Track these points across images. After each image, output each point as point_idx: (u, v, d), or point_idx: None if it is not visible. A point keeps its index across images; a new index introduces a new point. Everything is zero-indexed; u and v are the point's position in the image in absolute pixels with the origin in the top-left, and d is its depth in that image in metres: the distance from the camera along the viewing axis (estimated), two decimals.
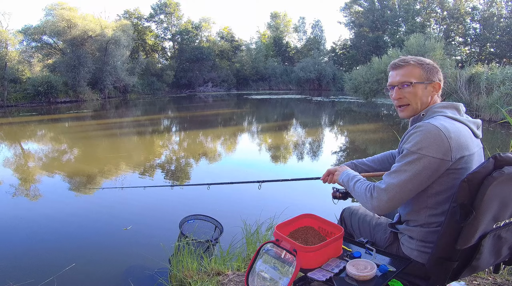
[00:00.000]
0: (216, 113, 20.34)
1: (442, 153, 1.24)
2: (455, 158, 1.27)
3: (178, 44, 44.71)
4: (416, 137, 1.28)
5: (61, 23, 26.35)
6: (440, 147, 1.24)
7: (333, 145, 10.35)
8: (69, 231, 4.19)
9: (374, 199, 1.34)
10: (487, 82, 13.77)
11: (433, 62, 1.49)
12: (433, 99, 1.47)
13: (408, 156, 1.29)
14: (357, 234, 1.74)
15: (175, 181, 6.60)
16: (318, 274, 1.34)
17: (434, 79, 1.46)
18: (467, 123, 1.37)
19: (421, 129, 1.28)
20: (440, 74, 1.48)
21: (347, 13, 46.99)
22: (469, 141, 1.32)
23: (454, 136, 1.27)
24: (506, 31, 36.26)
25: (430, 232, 1.38)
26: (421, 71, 1.46)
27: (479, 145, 1.42)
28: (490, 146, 8.26)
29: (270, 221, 3.31)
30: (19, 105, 23.36)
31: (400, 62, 1.49)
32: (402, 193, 1.30)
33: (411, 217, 1.43)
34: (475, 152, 1.35)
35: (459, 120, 1.36)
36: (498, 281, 2.23)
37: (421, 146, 1.26)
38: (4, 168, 7.50)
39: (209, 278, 2.46)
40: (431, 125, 1.27)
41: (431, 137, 1.25)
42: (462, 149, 1.28)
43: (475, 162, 1.35)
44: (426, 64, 1.47)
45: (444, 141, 1.24)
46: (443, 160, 1.25)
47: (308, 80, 42.61)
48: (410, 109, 1.48)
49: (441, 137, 1.24)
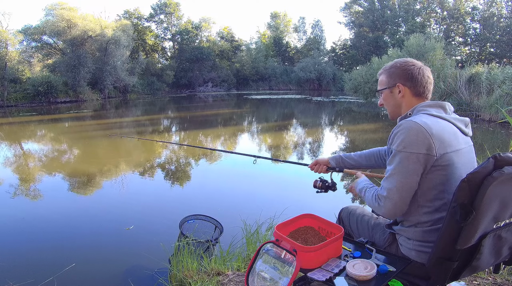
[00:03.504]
0: (216, 113, 20.34)
1: (426, 148, 1.28)
2: (439, 154, 1.30)
3: (178, 44, 44.71)
4: (399, 136, 1.33)
5: (61, 23, 26.34)
6: (423, 143, 1.28)
7: (333, 145, 10.35)
8: (69, 231, 4.18)
9: (382, 207, 1.38)
10: (487, 82, 13.77)
11: (404, 63, 1.50)
12: (410, 99, 1.49)
13: (396, 157, 1.33)
14: (356, 234, 1.74)
15: (174, 181, 6.60)
16: (318, 274, 1.34)
17: (395, 82, 1.50)
18: (452, 121, 1.40)
19: (402, 127, 1.33)
20: (408, 74, 1.47)
21: (347, 13, 47.02)
22: (453, 138, 1.35)
23: (436, 132, 1.30)
24: (506, 31, 36.27)
25: (426, 232, 1.39)
26: (385, 78, 1.54)
27: (467, 142, 1.44)
28: (490, 146, 8.26)
29: (270, 221, 3.31)
30: (19, 105, 23.35)
31: (378, 73, 1.60)
32: (404, 194, 1.33)
33: (405, 218, 1.45)
34: (461, 149, 1.37)
35: (443, 118, 1.39)
36: (498, 281, 2.23)
37: (405, 144, 1.30)
38: (4, 168, 7.50)
39: (209, 278, 2.46)
40: (412, 122, 1.32)
41: (413, 134, 1.29)
42: (444, 146, 1.31)
43: (463, 159, 1.37)
44: (389, 68, 1.53)
45: (426, 136, 1.28)
46: (429, 155, 1.29)
47: (308, 80, 42.61)
48: (389, 112, 1.58)
49: (422, 133, 1.28)
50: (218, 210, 4.46)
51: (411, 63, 1.50)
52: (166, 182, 6.57)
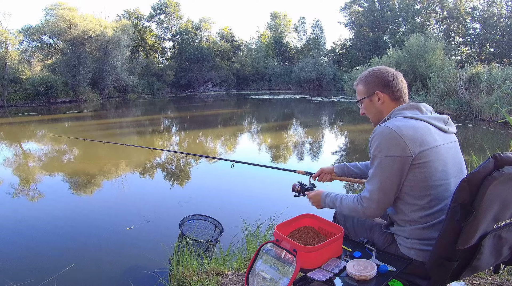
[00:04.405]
0: (216, 113, 20.34)
1: (400, 150, 1.34)
2: (414, 153, 1.34)
3: (178, 44, 44.70)
4: (375, 141, 1.40)
5: (61, 23, 26.35)
6: (396, 145, 1.34)
7: (333, 145, 10.35)
8: (69, 231, 4.18)
9: (366, 208, 1.43)
10: (487, 82, 13.76)
11: (378, 71, 1.58)
12: (389, 105, 1.56)
13: (374, 161, 1.41)
14: (353, 235, 1.75)
15: (175, 181, 6.60)
16: (318, 274, 1.34)
17: (373, 90, 1.57)
18: (427, 120, 1.44)
19: (377, 133, 1.41)
20: (384, 81, 1.54)
21: (347, 13, 46.99)
22: (427, 136, 1.38)
23: (407, 132, 1.35)
24: (506, 31, 36.24)
25: (422, 229, 1.40)
26: (362, 87, 1.61)
27: (447, 139, 1.46)
28: (490, 146, 8.26)
29: (270, 221, 3.31)
30: (19, 105, 23.35)
31: (354, 85, 1.67)
32: (386, 194, 1.39)
33: (398, 217, 1.48)
34: (439, 145, 1.40)
35: (418, 118, 1.43)
36: (498, 281, 2.23)
37: (380, 148, 1.37)
38: (4, 168, 7.50)
39: (209, 278, 2.46)
40: (384, 127, 1.39)
41: (386, 138, 1.36)
42: (418, 144, 1.35)
43: (442, 155, 1.40)
44: (365, 78, 1.60)
45: (398, 139, 1.34)
46: (404, 156, 1.34)
47: (308, 80, 42.59)
48: (372, 120, 1.65)
49: (394, 136, 1.35)
50: (218, 210, 4.46)
51: (385, 70, 1.57)
52: (166, 182, 6.57)
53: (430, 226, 1.39)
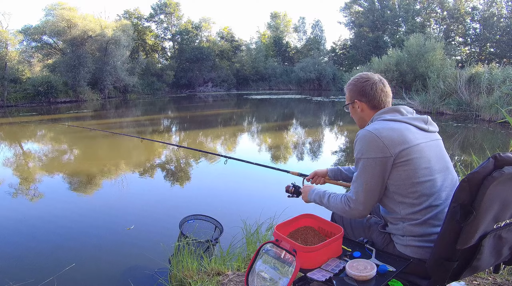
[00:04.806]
0: (216, 113, 20.34)
1: (380, 151, 1.39)
2: (394, 153, 1.39)
3: (178, 44, 44.68)
4: (357, 145, 1.47)
5: (61, 23, 26.33)
6: (376, 147, 1.40)
7: (331, 146, 10.35)
8: (69, 231, 4.18)
9: (353, 209, 1.48)
10: (487, 82, 13.76)
11: (358, 79, 1.63)
12: (369, 112, 1.61)
13: (358, 163, 1.47)
14: (351, 235, 1.75)
15: (175, 181, 6.60)
16: (317, 274, 1.34)
17: (353, 99, 1.64)
18: (406, 121, 1.49)
19: (358, 137, 1.47)
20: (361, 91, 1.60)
21: (347, 13, 47.00)
22: (407, 135, 1.43)
23: (386, 134, 1.40)
24: (506, 31, 36.25)
25: (414, 226, 1.43)
26: (347, 94, 1.69)
27: (429, 137, 1.51)
28: (490, 146, 8.27)
29: (270, 221, 3.31)
30: (19, 105, 23.35)
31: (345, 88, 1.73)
32: (371, 195, 1.44)
33: (390, 216, 1.51)
34: (421, 143, 1.44)
35: (397, 120, 1.49)
36: (498, 281, 2.23)
37: (362, 151, 1.44)
38: (4, 168, 7.50)
39: (209, 278, 2.46)
40: (365, 131, 1.46)
41: (366, 141, 1.43)
42: (398, 144, 1.39)
43: (425, 152, 1.44)
44: (348, 85, 1.67)
45: (377, 141, 1.40)
46: (384, 157, 1.39)
47: (308, 80, 42.57)
48: (357, 125, 1.71)
49: (373, 138, 1.41)
50: (218, 210, 4.46)
51: (365, 79, 1.61)
52: (167, 182, 6.57)
53: (423, 222, 1.41)
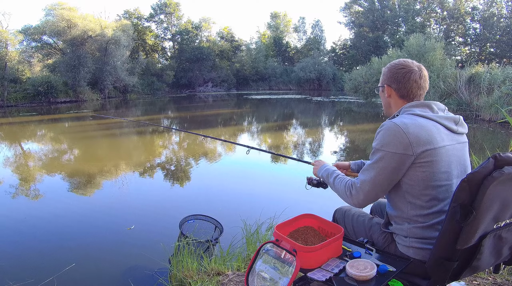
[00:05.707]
0: (216, 113, 20.34)
1: (403, 148, 1.33)
2: (417, 152, 1.33)
3: (178, 44, 44.68)
4: (380, 135, 1.40)
5: (61, 23, 26.34)
6: (400, 143, 1.33)
7: (333, 145, 10.35)
8: (69, 231, 4.18)
9: (353, 196, 1.46)
10: (487, 82, 13.76)
11: (394, 65, 1.56)
12: (396, 101, 1.56)
13: (375, 154, 1.41)
14: (352, 235, 1.74)
15: (175, 180, 6.60)
16: (318, 274, 1.34)
17: (384, 83, 1.59)
18: (437, 119, 1.42)
19: (383, 128, 1.40)
20: (393, 77, 1.54)
21: (347, 13, 46.99)
22: (435, 135, 1.37)
23: (413, 131, 1.34)
24: (506, 31, 36.23)
25: (420, 228, 1.40)
26: (382, 76, 1.63)
27: (456, 139, 1.45)
28: (490, 146, 8.26)
29: (270, 221, 3.31)
30: (19, 105, 23.34)
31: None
32: (376, 188, 1.40)
33: (396, 215, 1.48)
34: (445, 146, 1.38)
35: (427, 117, 1.41)
36: (498, 281, 2.23)
37: (383, 143, 1.37)
38: (4, 168, 7.49)
39: (209, 278, 2.46)
40: (391, 123, 1.38)
41: (391, 134, 1.35)
42: (423, 143, 1.33)
43: (447, 156, 1.39)
44: (384, 68, 1.62)
45: (403, 136, 1.33)
46: (405, 155, 1.34)
47: (308, 80, 42.59)
48: (383, 109, 1.66)
49: (399, 133, 1.34)
50: (218, 210, 4.46)
51: (402, 66, 1.53)
52: (167, 182, 6.57)
53: (429, 226, 1.39)
